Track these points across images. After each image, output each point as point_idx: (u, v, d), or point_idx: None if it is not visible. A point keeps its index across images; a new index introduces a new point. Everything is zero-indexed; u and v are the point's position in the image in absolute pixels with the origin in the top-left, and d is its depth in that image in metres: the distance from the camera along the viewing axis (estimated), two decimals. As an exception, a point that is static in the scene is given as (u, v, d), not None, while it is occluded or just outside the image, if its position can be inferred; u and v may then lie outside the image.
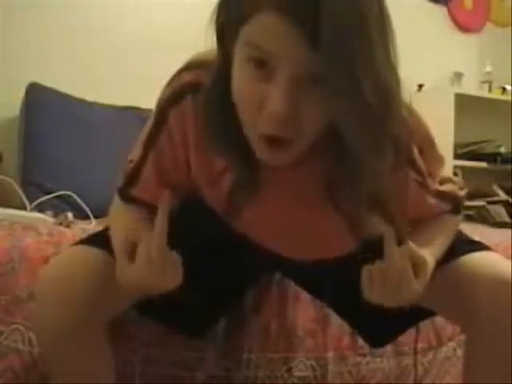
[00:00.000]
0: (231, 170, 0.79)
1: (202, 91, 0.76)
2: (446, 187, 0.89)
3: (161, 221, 0.71)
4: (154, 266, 0.71)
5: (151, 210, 0.87)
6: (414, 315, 0.83)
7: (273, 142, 0.68)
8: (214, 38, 0.72)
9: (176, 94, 0.80)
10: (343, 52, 0.61)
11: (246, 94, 0.68)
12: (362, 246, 0.89)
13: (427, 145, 0.86)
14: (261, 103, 0.66)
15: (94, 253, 0.85)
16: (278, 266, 1.09)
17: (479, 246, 0.91)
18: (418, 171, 0.84)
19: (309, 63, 0.63)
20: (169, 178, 0.86)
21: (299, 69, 0.64)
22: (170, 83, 0.81)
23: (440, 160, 0.89)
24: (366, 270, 0.76)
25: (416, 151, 0.83)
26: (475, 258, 0.87)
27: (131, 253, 0.73)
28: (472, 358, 0.88)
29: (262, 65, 0.65)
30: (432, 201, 0.87)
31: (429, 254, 0.81)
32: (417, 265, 0.76)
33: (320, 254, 0.93)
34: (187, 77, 0.79)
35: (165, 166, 0.85)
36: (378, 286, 0.76)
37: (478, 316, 0.82)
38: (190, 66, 0.80)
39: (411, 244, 0.77)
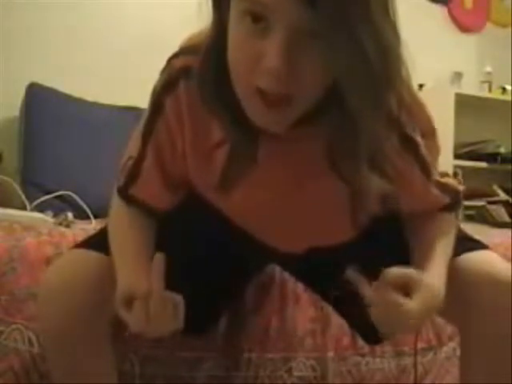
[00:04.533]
0: (229, 138, 0.77)
1: (193, 75, 0.74)
2: (446, 180, 0.88)
3: (157, 280, 0.71)
4: (152, 319, 0.72)
5: (152, 211, 0.87)
6: None
7: (270, 101, 0.66)
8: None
9: (170, 81, 0.79)
10: (341, 6, 0.60)
11: (241, 50, 0.66)
12: (361, 240, 0.88)
13: (430, 134, 0.85)
14: (257, 59, 0.64)
15: (93, 256, 0.86)
16: (274, 258, 1.09)
17: (478, 245, 0.91)
18: (423, 160, 0.83)
19: (306, 18, 0.61)
20: (169, 169, 0.85)
21: (296, 23, 0.62)
22: (162, 72, 0.81)
23: (438, 150, 0.88)
24: (369, 309, 0.75)
25: (421, 140, 0.82)
26: (474, 257, 0.87)
27: (129, 302, 0.74)
28: (468, 356, 0.88)
29: (257, 19, 0.63)
30: (434, 191, 0.86)
31: (437, 271, 0.79)
32: (408, 285, 0.74)
33: (316, 240, 0.91)
34: (179, 63, 0.78)
35: (164, 155, 0.84)
36: (379, 322, 0.75)
37: (476, 315, 0.82)
38: (181, 53, 0.80)
39: (390, 271, 0.74)
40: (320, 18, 0.60)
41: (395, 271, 0.74)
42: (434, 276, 0.78)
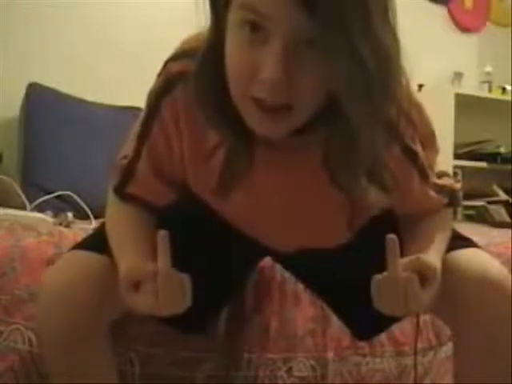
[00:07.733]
0: (225, 141, 0.77)
1: (190, 78, 0.74)
2: (443, 181, 0.89)
3: (163, 257, 0.71)
4: (161, 297, 0.71)
5: (149, 206, 0.88)
6: None
7: (268, 108, 0.66)
8: (208, 7, 0.70)
9: (167, 85, 0.79)
10: (339, 16, 0.59)
11: (239, 59, 0.66)
12: (356, 240, 0.88)
13: (429, 139, 0.85)
14: (254, 68, 0.65)
15: (91, 257, 0.86)
16: (270, 254, 1.09)
17: (467, 243, 0.91)
18: (422, 168, 0.83)
19: (304, 27, 0.61)
20: (164, 171, 0.85)
21: (294, 33, 0.62)
22: (159, 75, 0.81)
23: (437, 152, 0.89)
24: (375, 282, 0.75)
25: (420, 147, 0.82)
26: (463, 254, 0.87)
27: (136, 286, 0.74)
28: (459, 353, 0.88)
29: (256, 29, 0.64)
30: (433, 194, 0.87)
31: (438, 260, 0.80)
32: (425, 275, 0.75)
33: (312, 242, 0.91)
34: (176, 67, 0.78)
35: (159, 158, 0.84)
36: (384, 298, 0.75)
37: (465, 314, 0.82)
38: (178, 56, 0.80)
39: (421, 255, 0.76)
40: (319, 28, 0.60)
41: (426, 258, 0.75)
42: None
